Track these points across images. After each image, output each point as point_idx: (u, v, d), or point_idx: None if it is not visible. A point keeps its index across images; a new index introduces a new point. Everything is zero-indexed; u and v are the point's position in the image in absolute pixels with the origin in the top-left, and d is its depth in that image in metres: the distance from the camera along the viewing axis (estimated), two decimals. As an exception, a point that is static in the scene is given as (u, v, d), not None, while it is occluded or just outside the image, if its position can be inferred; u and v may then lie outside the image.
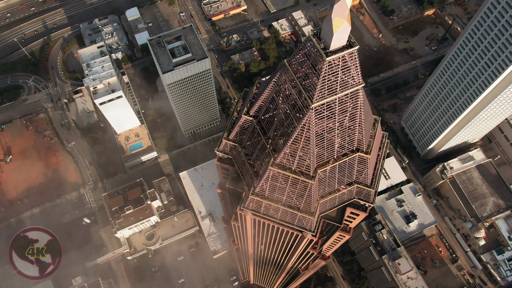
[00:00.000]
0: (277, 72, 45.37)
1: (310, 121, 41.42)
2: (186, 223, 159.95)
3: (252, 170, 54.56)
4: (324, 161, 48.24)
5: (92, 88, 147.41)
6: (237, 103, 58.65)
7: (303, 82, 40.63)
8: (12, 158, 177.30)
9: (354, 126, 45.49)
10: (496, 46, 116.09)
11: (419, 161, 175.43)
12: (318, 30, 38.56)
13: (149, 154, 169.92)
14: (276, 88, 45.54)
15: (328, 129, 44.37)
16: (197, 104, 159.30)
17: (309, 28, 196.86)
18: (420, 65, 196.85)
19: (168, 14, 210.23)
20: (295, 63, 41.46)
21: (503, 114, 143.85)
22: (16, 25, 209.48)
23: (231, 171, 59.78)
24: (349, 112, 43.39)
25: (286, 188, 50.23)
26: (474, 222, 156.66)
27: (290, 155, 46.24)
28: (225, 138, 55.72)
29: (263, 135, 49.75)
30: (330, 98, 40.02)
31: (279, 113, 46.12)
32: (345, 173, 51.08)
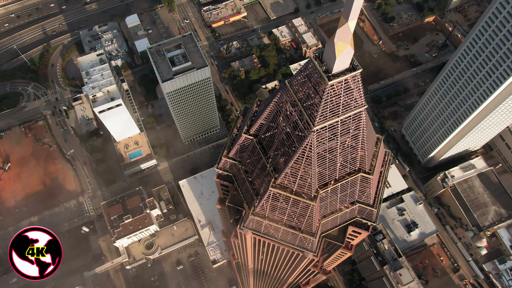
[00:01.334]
0: (278, 92, 44.54)
1: (312, 143, 40.55)
2: (185, 232, 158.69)
3: (252, 189, 53.61)
4: (325, 182, 47.31)
5: (92, 96, 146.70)
6: (237, 120, 57.73)
7: (305, 104, 39.79)
8: (10, 166, 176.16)
9: (356, 147, 44.60)
10: (498, 56, 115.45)
11: (420, 169, 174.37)
12: (320, 53, 37.74)
13: (148, 162, 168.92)
14: (277, 108, 44.71)
15: (330, 150, 43.50)
16: (197, 112, 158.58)
17: (309, 35, 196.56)
18: (421, 72, 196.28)
19: (168, 20, 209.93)
20: (297, 84, 40.65)
21: (504, 123, 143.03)
22: (16, 31, 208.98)
23: (231, 188, 58.82)
24: (352, 133, 42.52)
25: (287, 209, 49.26)
26: (475, 231, 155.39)
27: (291, 175, 45.31)
28: (225, 155, 54.80)
29: (263, 155, 48.86)
30: (332, 121, 39.19)
31: (280, 133, 45.25)
32: (347, 193, 50.14)
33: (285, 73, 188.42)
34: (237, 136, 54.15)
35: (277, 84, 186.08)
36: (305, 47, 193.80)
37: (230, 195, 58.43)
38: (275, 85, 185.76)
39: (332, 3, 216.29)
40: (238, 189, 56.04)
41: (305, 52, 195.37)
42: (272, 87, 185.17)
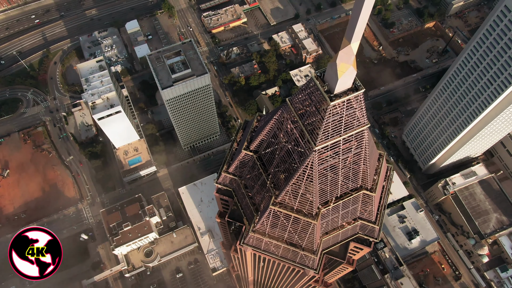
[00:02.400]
0: (279, 109, 43.85)
1: (313, 161, 39.81)
2: (185, 240, 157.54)
3: (252, 204, 52.78)
4: (327, 199, 46.52)
5: (91, 103, 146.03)
6: (237, 134, 56.98)
7: (306, 122, 39.09)
8: (9, 172, 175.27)
9: (358, 164, 43.86)
10: (499, 64, 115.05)
11: (421, 176, 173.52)
12: (322, 72, 37.06)
13: (148, 168, 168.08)
14: (277, 125, 44.01)
15: (332, 168, 42.75)
16: (196, 119, 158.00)
17: (309, 40, 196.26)
18: (421, 78, 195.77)
19: (168, 26, 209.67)
20: (298, 102, 39.95)
21: (506, 129, 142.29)
22: (16, 37, 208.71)
23: (231, 202, 58.02)
24: (354, 152, 41.80)
25: (288, 226, 48.43)
26: (477, 239, 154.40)
27: (292, 193, 44.53)
28: (225, 171, 54.02)
29: (263, 171, 48.09)
30: (334, 140, 38.47)
31: (281, 150, 44.52)
32: (349, 210, 49.33)
33: (285, 79, 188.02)
34: (237, 151, 53.39)
35: (277, 90, 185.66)
36: (305, 53, 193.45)
37: (230, 210, 57.61)
38: (275, 91, 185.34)
39: (332, 9, 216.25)
40: (238, 205, 55.19)
41: (305, 58, 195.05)
42: (272, 93, 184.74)
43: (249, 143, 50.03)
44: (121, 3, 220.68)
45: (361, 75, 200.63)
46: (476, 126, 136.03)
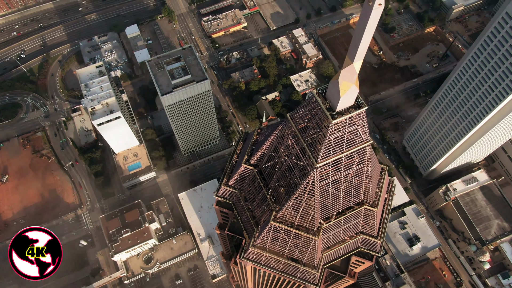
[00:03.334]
0: (279, 124, 43.23)
1: (315, 178, 39.17)
2: (184, 246, 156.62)
3: (252, 217, 52.11)
4: (328, 215, 45.84)
5: (90, 108, 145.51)
6: (237, 145, 56.40)
7: (307, 138, 38.49)
8: (8, 178, 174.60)
9: (360, 180, 43.22)
10: (500, 71, 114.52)
11: (422, 181, 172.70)
12: (324, 89, 36.49)
13: (147, 174, 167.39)
14: (278, 140, 43.41)
15: (333, 184, 42.09)
16: (196, 124, 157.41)
17: (309, 45, 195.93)
18: (422, 83, 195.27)
19: (168, 31, 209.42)
20: (299, 118, 39.35)
21: (507, 135, 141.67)
22: (15, 42, 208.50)
23: (231, 215, 57.34)
24: (356, 168, 41.17)
25: (289, 242, 47.73)
26: (478, 245, 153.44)
27: (293, 209, 43.88)
28: (224, 184, 53.36)
29: (264, 186, 47.44)
30: (336, 157, 37.86)
31: (282, 165, 43.90)
32: (350, 225, 48.64)
33: (285, 84, 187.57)
34: (237, 164, 52.73)
35: (277, 95, 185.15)
36: (305, 58, 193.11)
37: (230, 223, 56.89)
38: (275, 96, 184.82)
39: (332, 14, 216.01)
40: (238, 218, 54.49)
41: (306, 63, 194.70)
42: (272, 98, 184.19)
43: (249, 156, 49.37)
44: (121, 8, 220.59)
45: (361, 80, 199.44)
46: (478, 132, 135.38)
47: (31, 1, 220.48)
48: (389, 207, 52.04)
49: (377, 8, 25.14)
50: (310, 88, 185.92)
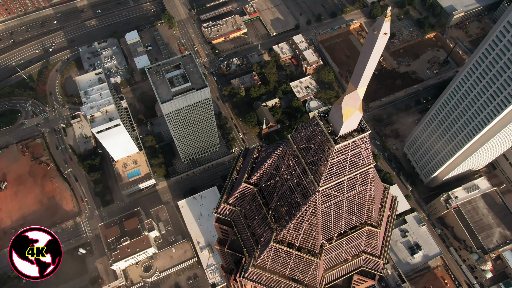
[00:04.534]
0: (280, 145, 42.39)
1: (317, 201, 38.29)
2: (184, 254, 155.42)
3: (252, 236, 51.18)
4: (331, 236, 44.92)
5: (90, 116, 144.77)
6: (237, 161, 55.54)
7: (309, 161, 37.64)
8: (7, 185, 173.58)
9: (363, 201, 42.32)
10: (501, 80, 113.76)
11: (423, 189, 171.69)
12: (326, 113, 35.65)
13: (147, 181, 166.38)
14: (278, 161, 42.55)
15: (335, 205, 41.20)
16: (196, 132, 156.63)
17: (309, 52, 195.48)
18: (422, 89, 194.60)
19: (168, 37, 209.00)
20: (300, 140, 38.50)
21: (509, 143, 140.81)
22: (15, 48, 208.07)
23: (231, 232, 56.38)
24: (358, 189, 40.29)
25: (290, 263, 46.76)
26: (480, 254, 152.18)
27: (294, 231, 42.97)
28: (224, 201, 52.45)
29: (264, 205, 46.52)
30: (338, 180, 37.00)
31: (282, 186, 43.01)
32: (353, 245, 47.68)
33: (285, 91, 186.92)
34: (237, 181, 51.82)
35: (277, 102, 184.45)
36: (305, 64, 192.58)
37: (230, 240, 55.91)
38: (275, 102, 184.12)
39: (333, 19, 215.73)
40: (238, 236, 53.51)
41: (306, 69, 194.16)
42: (272, 104, 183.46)
43: (249, 175, 48.47)
44: (121, 14, 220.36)
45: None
46: (479, 140, 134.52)
47: (31, 7, 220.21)
48: (392, 226, 51.09)
49: (382, 37, 24.38)
50: (311, 94, 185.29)
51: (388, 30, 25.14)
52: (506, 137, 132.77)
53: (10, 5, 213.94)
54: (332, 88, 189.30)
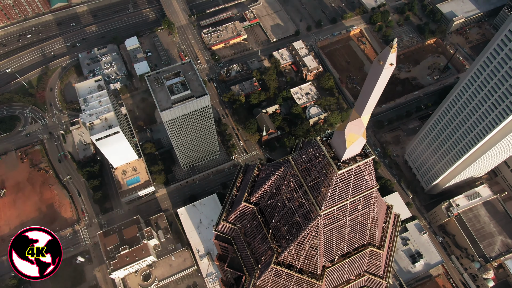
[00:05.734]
0: (281, 166, 41.50)
1: (319, 225, 37.41)
2: (183, 263, 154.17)
3: (253, 254, 50.22)
4: (333, 258, 43.97)
5: (89, 123, 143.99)
6: (236, 177, 54.64)
7: (310, 184, 36.79)
8: (5, 192, 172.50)
9: (366, 223, 41.44)
10: (503, 88, 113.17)
11: (424, 196, 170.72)
12: (328, 136, 34.81)
13: (146, 189, 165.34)
14: (279, 182, 41.68)
15: (338, 228, 40.32)
16: (196, 139, 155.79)
17: (309, 58, 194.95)
18: (423, 95, 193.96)
19: (168, 43, 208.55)
20: (302, 162, 37.66)
21: (511, 151, 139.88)
22: (14, 54, 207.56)
23: (230, 249, 55.41)
24: (361, 212, 39.42)
25: (291, 285, 45.75)
26: (482, 263, 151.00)
27: (295, 253, 42.03)
28: (224, 219, 51.55)
29: (264, 225, 45.61)
30: (341, 204, 36.13)
31: (283, 207, 42.12)
32: (355, 266, 46.71)
33: (285, 97, 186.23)
34: (237, 199, 50.91)
35: (277, 109, 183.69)
36: (305, 71, 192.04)
37: (230, 258, 54.91)
38: (275, 109, 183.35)
39: (333, 25, 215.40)
40: (238, 254, 52.52)
41: (306, 76, 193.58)
42: (272, 111, 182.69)
43: (249, 193, 47.57)
44: (121, 20, 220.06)
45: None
46: (481, 148, 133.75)
47: (31, 13, 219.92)
48: (395, 244, 50.17)
49: (388, 68, 23.59)
50: (311, 101, 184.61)
51: (394, 61, 24.35)
52: (508, 144, 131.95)
53: (10, 11, 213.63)
54: (332, 95, 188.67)
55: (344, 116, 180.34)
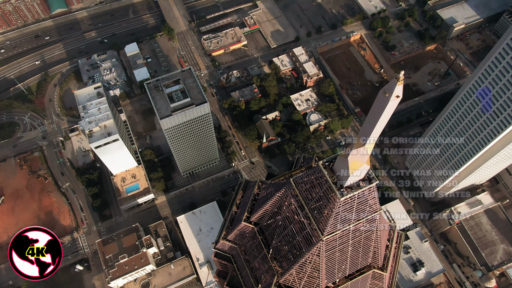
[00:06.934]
0: (282, 187, 40.62)
1: (321, 249, 36.50)
2: (183, 271, 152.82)
3: (252, 273, 49.26)
4: (335, 280, 43.02)
5: (88, 131, 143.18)
6: (236, 194, 53.71)
7: (312, 207, 35.93)
8: (4, 199, 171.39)
9: (369, 245, 40.54)
10: (505, 97, 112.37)
11: (425, 203, 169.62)
12: (330, 161, 33.95)
13: (145, 196, 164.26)
14: (280, 202, 40.82)
15: (340, 251, 39.40)
16: (196, 147, 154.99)
17: (310, 64, 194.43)
18: (423, 101, 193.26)
19: (168, 49, 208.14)
20: (302, 183, 36.81)
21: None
22: (14, 60, 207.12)
23: (230, 267, 54.44)
24: (364, 235, 38.54)
25: (292, 307, 44.81)
26: (484, 271, 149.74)
27: (297, 276, 41.10)
28: (223, 238, 50.62)
29: (265, 246, 44.66)
30: (344, 229, 35.26)
31: (284, 229, 41.22)
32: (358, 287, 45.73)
33: (285, 103, 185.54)
34: (236, 217, 49.98)
35: (277, 115, 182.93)
36: (306, 77, 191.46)
37: (229, 276, 53.89)
38: (275, 115, 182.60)
39: (333, 31, 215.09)
40: (238, 273, 51.52)
41: (306, 82, 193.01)
42: (272, 117, 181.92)
43: (249, 213, 46.65)
44: (120, 26, 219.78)
45: (362, 98, 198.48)
46: (484, 155, 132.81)
47: (31, 18, 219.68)
48: (398, 264, 49.22)
49: (394, 100, 22.75)
50: (311, 107, 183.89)
51: (400, 93, 23.53)
52: (510, 152, 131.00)
53: (10, 17, 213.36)
54: (332, 101, 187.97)
55: (344, 123, 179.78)
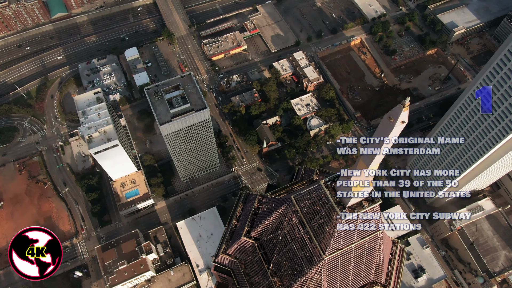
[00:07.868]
0: (283, 204, 39.94)
1: (322, 269, 35.82)
2: (183, 277, 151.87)
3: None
4: (336, 297, 42.36)
5: (87, 136, 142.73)
6: (236, 206, 53.02)
7: (313, 225, 35.26)
8: (3, 204, 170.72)
9: (371, 262, 39.84)
10: (507, 103, 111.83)
11: (426, 209, 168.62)
12: (332, 180, 33.30)
13: (145, 201, 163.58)
14: (281, 219, 40.14)
15: (342, 269, 38.71)
16: (196, 152, 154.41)
17: (310, 69, 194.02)
18: (424, 106, 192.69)
19: (168, 53, 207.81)
20: (303, 200, 36.16)
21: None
22: (13, 64, 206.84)
23: (230, 281, 53.68)
24: (367, 252, 37.85)
25: (293, 324, 44.03)
26: (486, 278, 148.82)
27: (298, 293, 40.43)
28: (223, 252, 49.90)
29: (265, 262, 43.95)
30: (346, 248, 34.60)
31: (284, 246, 40.54)
32: (359, 304, 45.04)
33: (286, 108, 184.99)
34: (236, 231, 49.26)
35: (278, 120, 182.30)
36: (306, 81, 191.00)
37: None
38: (275, 120, 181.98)
39: (333, 36, 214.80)
40: (238, 287, 50.73)
41: (306, 87, 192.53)
42: (272, 122, 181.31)
43: (249, 227, 45.96)
44: (120, 30, 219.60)
45: (362, 103, 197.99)
46: (486, 161, 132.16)
47: (31, 23, 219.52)
48: (400, 279, 48.51)
49: (399, 125, 22.15)
50: (312, 112, 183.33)
51: (406, 119, 22.94)
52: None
53: (10, 21, 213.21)
54: (333, 106, 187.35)
55: (345, 128, 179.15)
